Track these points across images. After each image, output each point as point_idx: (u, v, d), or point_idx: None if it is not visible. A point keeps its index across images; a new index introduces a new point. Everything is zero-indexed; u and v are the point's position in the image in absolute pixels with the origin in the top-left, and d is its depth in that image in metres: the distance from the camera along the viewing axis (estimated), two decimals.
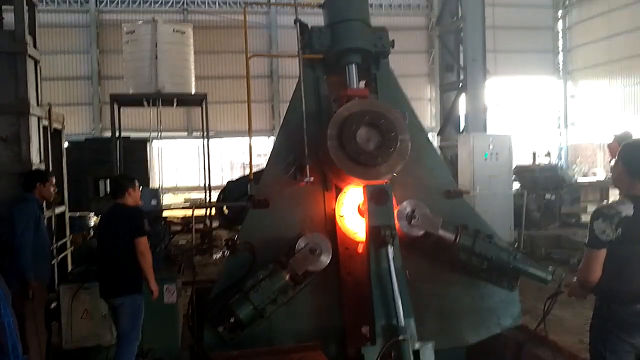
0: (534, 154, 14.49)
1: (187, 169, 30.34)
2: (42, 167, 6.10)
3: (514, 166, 12.53)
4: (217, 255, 11.63)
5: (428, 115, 31.66)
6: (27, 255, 5.01)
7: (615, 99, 30.00)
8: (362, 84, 6.15)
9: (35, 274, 5.08)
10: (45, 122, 6.48)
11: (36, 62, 5.97)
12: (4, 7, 6.91)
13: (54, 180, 5.72)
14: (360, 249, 5.01)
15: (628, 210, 3.31)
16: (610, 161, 3.75)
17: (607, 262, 3.34)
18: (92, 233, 6.72)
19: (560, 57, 34.61)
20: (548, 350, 4.99)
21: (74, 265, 5.64)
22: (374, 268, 4.58)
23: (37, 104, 5.99)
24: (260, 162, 5.58)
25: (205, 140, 13.87)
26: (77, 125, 26.98)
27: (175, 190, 28.63)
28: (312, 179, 5.40)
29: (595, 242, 3.35)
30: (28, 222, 5.16)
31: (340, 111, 5.27)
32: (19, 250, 4.95)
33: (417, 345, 4.25)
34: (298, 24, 5.66)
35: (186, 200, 25.02)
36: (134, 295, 4.79)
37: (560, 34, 34.62)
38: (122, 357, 4.69)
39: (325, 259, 5.14)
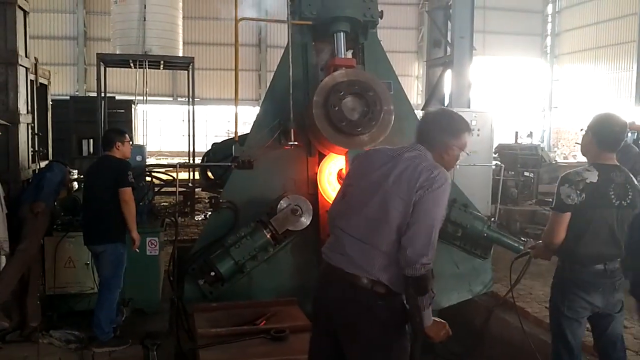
0: (516, 134, 14.70)
1: (171, 134, 30.17)
2: (29, 118, 6.13)
3: (495, 144, 12.70)
4: (200, 217, 11.74)
5: (415, 92, 31.71)
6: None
7: (600, 84, 30.30)
8: (350, 53, 6.24)
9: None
10: (32, 77, 6.48)
11: (25, 13, 5.96)
12: None
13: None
14: None
15: (593, 177, 3.46)
16: (581, 130, 3.91)
17: (571, 225, 3.50)
18: (76, 186, 6.75)
19: (549, 40, 34.75)
20: (515, 316, 5.23)
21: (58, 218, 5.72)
22: None
23: (26, 55, 6.00)
24: (246, 130, 5.68)
25: (191, 106, 13.82)
26: (61, 85, 26.65)
27: (158, 154, 28.51)
28: (296, 143, 5.52)
29: (561, 206, 3.51)
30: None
31: (326, 80, 5.34)
32: (46, 187, 5.29)
33: None
34: None
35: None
36: (116, 244, 4.88)
37: (550, 18, 34.71)
38: (104, 303, 4.81)
39: (306, 220, 5.29)
